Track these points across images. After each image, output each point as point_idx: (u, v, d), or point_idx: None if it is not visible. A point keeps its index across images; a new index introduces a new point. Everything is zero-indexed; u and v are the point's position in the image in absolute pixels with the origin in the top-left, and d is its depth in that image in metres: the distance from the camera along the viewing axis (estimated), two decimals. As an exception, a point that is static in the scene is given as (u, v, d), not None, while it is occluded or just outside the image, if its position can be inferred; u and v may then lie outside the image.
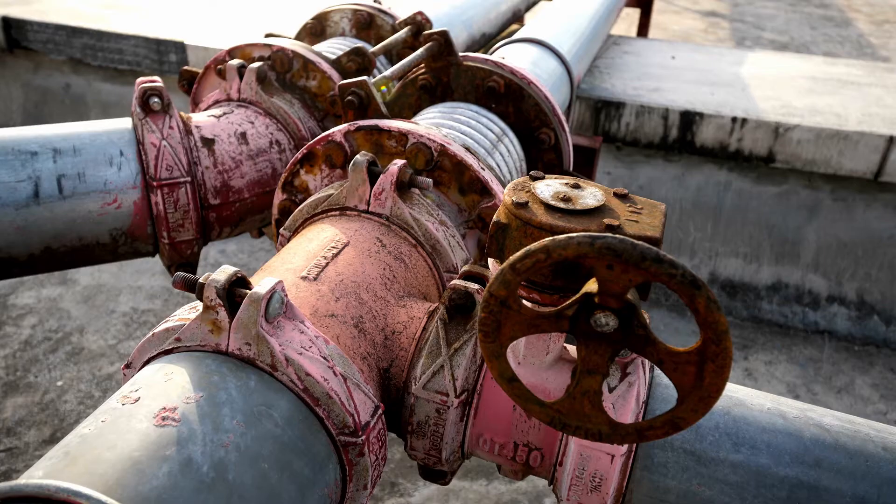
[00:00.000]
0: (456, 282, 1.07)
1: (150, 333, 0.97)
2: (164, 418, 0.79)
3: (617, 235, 0.69)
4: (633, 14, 7.11)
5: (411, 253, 1.27)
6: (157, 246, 1.65)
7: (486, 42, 3.44)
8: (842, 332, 3.37)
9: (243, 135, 1.71)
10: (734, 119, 3.16)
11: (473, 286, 1.06)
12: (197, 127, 1.66)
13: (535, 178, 1.01)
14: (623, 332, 0.77)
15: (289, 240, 1.38)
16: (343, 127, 1.41)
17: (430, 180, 1.29)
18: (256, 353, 0.89)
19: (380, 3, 2.37)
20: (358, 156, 1.29)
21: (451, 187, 1.40)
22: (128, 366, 0.99)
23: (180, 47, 3.85)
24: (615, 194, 0.99)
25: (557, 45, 2.57)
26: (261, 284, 0.91)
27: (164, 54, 3.90)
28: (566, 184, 0.99)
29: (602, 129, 3.36)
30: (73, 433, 0.80)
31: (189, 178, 1.57)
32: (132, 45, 3.96)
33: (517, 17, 4.07)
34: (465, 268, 1.12)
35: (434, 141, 1.35)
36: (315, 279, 1.10)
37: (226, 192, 1.66)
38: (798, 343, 3.31)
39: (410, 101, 1.89)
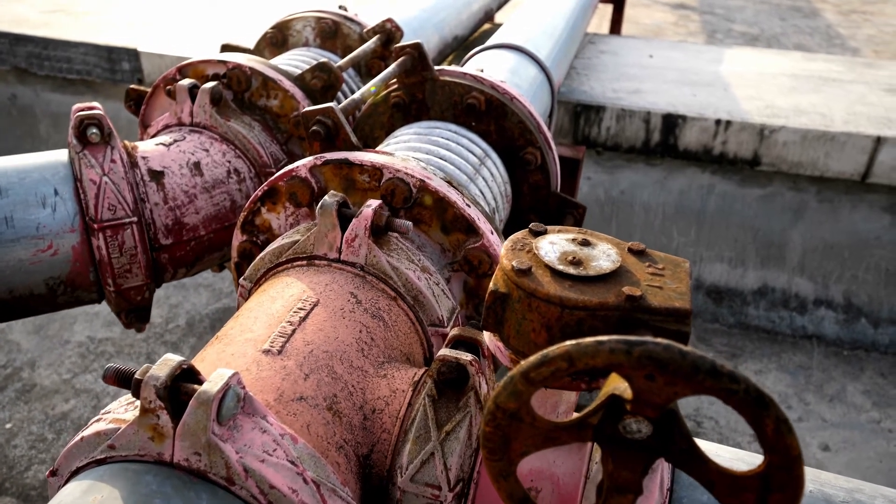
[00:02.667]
0: (445, 352, 0.91)
1: (79, 437, 0.80)
2: (89, 568, 0.63)
3: (660, 341, 0.54)
4: (604, 8, 7.01)
5: (391, 308, 1.11)
6: (102, 293, 1.47)
7: (458, 45, 3.28)
8: (830, 337, 3.29)
9: (197, 165, 1.53)
10: (718, 121, 3.05)
11: (466, 356, 0.91)
12: (144, 158, 1.48)
13: (536, 234, 0.86)
14: (659, 440, 0.63)
15: (250, 291, 1.22)
16: (308, 161, 1.24)
17: (409, 223, 1.13)
18: (208, 464, 0.73)
19: (345, 9, 2.20)
20: (326, 197, 1.13)
21: (433, 225, 1.24)
22: (53, 473, 0.82)
23: (133, 55, 3.63)
24: (630, 250, 0.84)
25: (535, 49, 2.42)
26: (212, 379, 0.74)
27: (116, 62, 3.68)
28: (573, 240, 0.84)
29: (582, 134, 3.22)
30: None
31: (135, 218, 1.39)
32: (81, 52, 3.73)
33: (489, 17, 3.92)
34: (455, 332, 0.97)
35: (412, 176, 1.20)
36: (280, 352, 0.93)
37: (179, 231, 1.49)
38: (787, 350, 3.22)
39: (382, 119, 1.73)
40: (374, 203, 1.13)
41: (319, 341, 0.97)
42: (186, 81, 1.62)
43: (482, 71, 1.78)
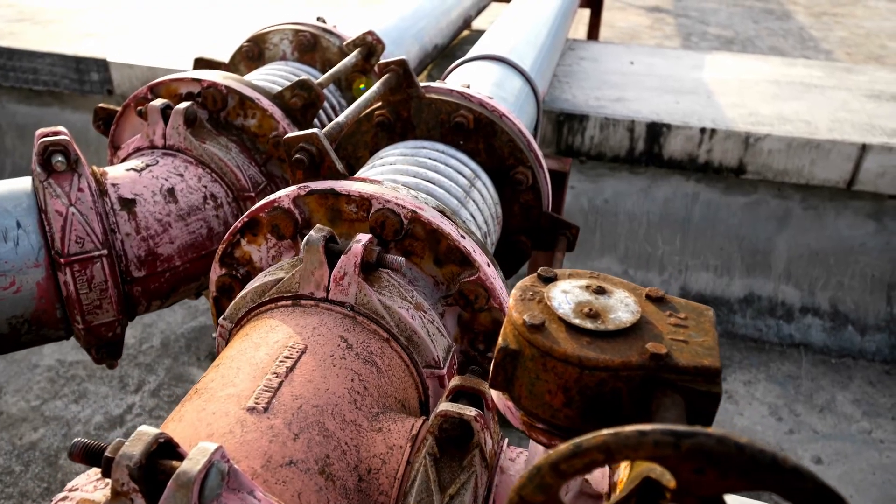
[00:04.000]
0: (447, 406, 0.84)
1: (43, 520, 0.71)
2: None
3: (713, 432, 0.47)
4: (581, 12, 6.98)
5: (383, 350, 1.03)
6: (70, 330, 1.37)
7: (437, 54, 3.21)
8: (817, 345, 3.27)
9: (171, 191, 1.44)
10: (703, 130, 3.01)
11: (470, 412, 0.84)
12: (114, 185, 1.39)
13: (545, 279, 0.79)
14: (698, 526, 0.56)
15: (230, 333, 1.13)
16: (292, 191, 1.16)
17: (402, 260, 1.06)
18: (189, 552, 0.65)
19: (324, 21, 2.12)
20: (312, 232, 1.05)
21: (425, 257, 1.17)
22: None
23: (102, 65, 3.51)
24: (649, 297, 0.78)
25: (519, 60, 2.36)
26: (192, 456, 0.66)
27: (85, 73, 3.55)
28: (587, 287, 0.77)
29: (565, 143, 3.17)
30: None
31: (105, 251, 1.30)
32: (48, 63, 3.60)
33: (468, 24, 3.87)
34: (456, 382, 0.90)
35: (404, 206, 1.12)
36: (266, 410, 0.85)
37: (152, 262, 1.40)
38: (775, 359, 3.19)
39: (365, 139, 1.65)
40: (363, 238, 1.05)
41: (309, 395, 0.90)
42: (159, 101, 1.53)
43: (469, 87, 1.71)
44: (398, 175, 1.42)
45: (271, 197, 1.18)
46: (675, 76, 3.63)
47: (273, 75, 1.92)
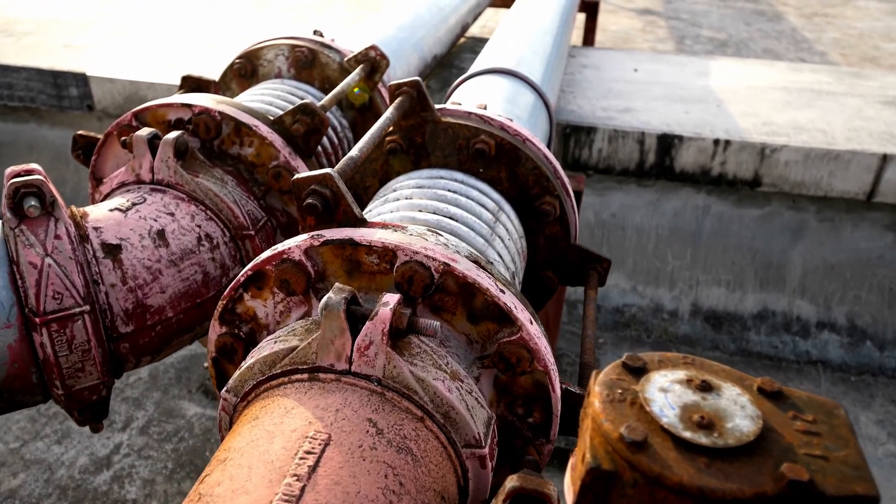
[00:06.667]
0: (509, 520, 0.69)
1: None
2: None
3: None
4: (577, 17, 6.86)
5: (418, 433, 0.88)
6: (48, 394, 1.21)
7: (436, 65, 3.07)
8: (835, 362, 3.15)
9: (161, 233, 1.28)
10: (716, 141, 2.88)
11: (537, 527, 0.69)
12: (96, 229, 1.23)
13: (634, 371, 0.64)
14: None
15: (235, 407, 0.98)
16: (303, 240, 1.01)
17: (437, 325, 0.91)
18: None
19: (321, 34, 1.97)
20: (331, 294, 0.90)
21: (458, 314, 1.02)
22: None
23: (81, 79, 3.33)
24: (762, 391, 0.63)
25: (529, 73, 2.22)
26: None
27: (63, 88, 3.37)
28: (688, 381, 0.63)
29: (572, 156, 3.03)
30: None
31: (87, 307, 1.14)
32: (23, 78, 3.41)
33: (464, 31, 3.72)
34: (514, 483, 0.75)
35: (434, 259, 0.97)
36: (287, 527, 0.70)
37: (141, 315, 1.23)
38: (793, 377, 3.06)
39: (375, 167, 1.50)
40: (391, 301, 0.90)
41: (337, 502, 0.74)
42: (145, 131, 1.36)
43: (486, 107, 1.56)
44: (416, 212, 1.27)
45: (279, 248, 1.02)
46: (681, 84, 3.50)
47: (269, 96, 1.76)
